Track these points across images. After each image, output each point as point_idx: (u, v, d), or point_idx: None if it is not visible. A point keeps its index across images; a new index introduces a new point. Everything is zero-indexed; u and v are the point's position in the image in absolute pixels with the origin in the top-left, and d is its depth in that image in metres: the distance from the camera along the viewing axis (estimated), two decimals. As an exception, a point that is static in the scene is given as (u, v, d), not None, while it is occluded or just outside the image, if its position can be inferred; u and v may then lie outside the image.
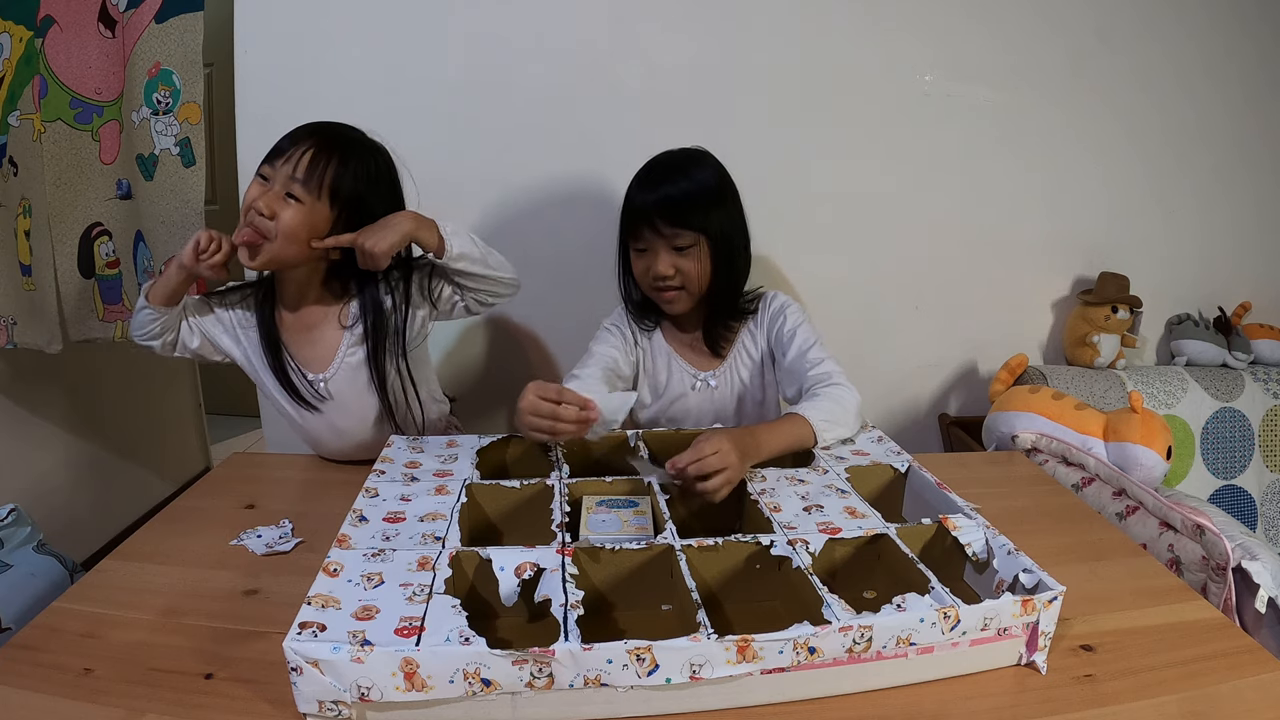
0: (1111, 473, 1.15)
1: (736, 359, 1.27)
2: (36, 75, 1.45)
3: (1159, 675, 0.71)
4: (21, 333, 1.50)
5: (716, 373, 1.27)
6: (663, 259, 1.16)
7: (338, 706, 0.62)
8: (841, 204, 1.61)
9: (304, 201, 1.04)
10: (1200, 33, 1.67)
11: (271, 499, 1.05)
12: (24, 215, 1.49)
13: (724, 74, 1.56)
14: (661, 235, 1.15)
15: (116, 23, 1.48)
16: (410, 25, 1.51)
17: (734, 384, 1.27)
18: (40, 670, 0.70)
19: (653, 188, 1.17)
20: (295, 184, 1.04)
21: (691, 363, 1.28)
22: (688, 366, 1.28)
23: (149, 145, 1.52)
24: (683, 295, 1.19)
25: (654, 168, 1.21)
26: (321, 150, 1.06)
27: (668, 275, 1.17)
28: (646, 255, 1.18)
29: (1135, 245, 1.76)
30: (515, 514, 0.92)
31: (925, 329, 1.74)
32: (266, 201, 1.04)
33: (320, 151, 1.06)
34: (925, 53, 1.59)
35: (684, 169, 1.18)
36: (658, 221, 1.14)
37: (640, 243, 1.18)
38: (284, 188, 1.04)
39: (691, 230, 1.14)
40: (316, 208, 1.05)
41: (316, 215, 1.06)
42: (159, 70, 1.48)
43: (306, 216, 1.05)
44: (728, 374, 1.27)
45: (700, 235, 1.15)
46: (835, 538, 0.80)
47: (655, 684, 0.63)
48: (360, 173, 1.09)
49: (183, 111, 1.50)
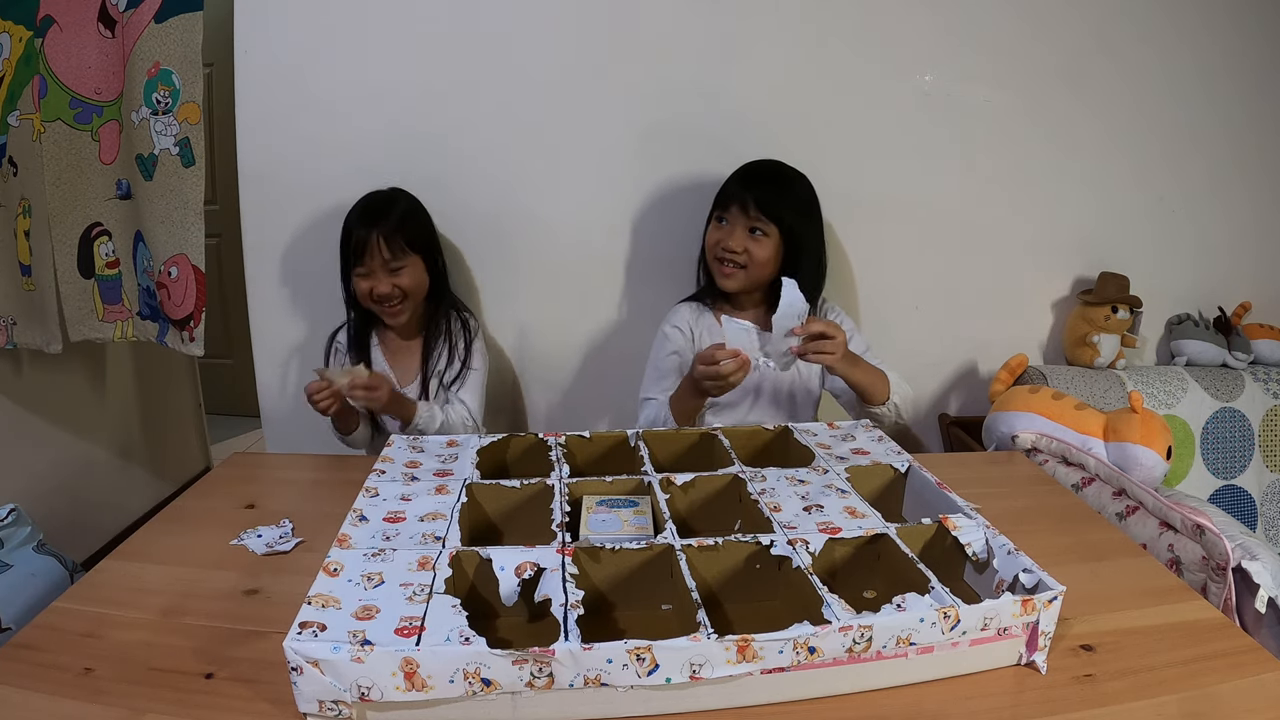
0: (1111, 473, 1.15)
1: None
2: (36, 75, 1.45)
3: (1159, 675, 0.71)
4: (21, 333, 1.50)
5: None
6: (737, 235, 1.32)
7: (338, 706, 0.62)
8: (841, 204, 1.61)
9: (406, 265, 1.37)
10: (1201, 32, 1.67)
11: (271, 499, 1.05)
12: (24, 215, 1.49)
13: (722, 74, 1.56)
14: (746, 214, 1.31)
15: (116, 22, 1.48)
16: (410, 25, 1.51)
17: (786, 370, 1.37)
18: (40, 670, 0.70)
19: (754, 176, 1.35)
20: (390, 262, 1.35)
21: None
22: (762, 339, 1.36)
23: (148, 145, 1.51)
24: (739, 274, 1.34)
25: (757, 163, 1.40)
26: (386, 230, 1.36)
27: (736, 250, 1.32)
28: (724, 228, 1.34)
29: (1135, 245, 1.76)
30: (515, 514, 0.92)
31: (925, 329, 1.74)
32: (386, 286, 1.37)
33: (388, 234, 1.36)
34: (925, 53, 1.59)
35: (785, 173, 1.37)
36: (747, 199, 1.31)
37: (725, 214, 1.34)
38: (385, 269, 1.36)
39: (768, 219, 1.30)
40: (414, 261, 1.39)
41: (418, 266, 1.40)
42: (158, 70, 1.48)
43: (414, 269, 1.39)
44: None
45: (775, 226, 1.30)
46: (835, 538, 0.80)
47: (655, 684, 0.63)
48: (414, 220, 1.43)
49: (182, 111, 1.50)
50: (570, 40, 1.54)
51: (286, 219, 1.58)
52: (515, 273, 1.64)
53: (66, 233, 1.56)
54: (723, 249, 1.33)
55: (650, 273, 1.64)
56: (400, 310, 1.40)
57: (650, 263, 1.64)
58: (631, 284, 1.66)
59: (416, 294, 1.41)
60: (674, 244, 1.58)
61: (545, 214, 1.60)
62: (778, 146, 1.48)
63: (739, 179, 1.36)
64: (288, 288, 1.62)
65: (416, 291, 1.41)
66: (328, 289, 1.50)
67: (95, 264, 1.61)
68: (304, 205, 1.57)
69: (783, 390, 1.41)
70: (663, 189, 1.61)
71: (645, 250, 1.64)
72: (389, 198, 1.44)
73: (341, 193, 1.57)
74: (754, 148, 1.47)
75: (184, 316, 1.57)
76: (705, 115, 1.57)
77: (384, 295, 1.37)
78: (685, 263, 1.52)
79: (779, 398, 1.41)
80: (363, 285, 1.37)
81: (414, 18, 1.50)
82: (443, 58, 1.53)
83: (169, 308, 1.57)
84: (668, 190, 1.61)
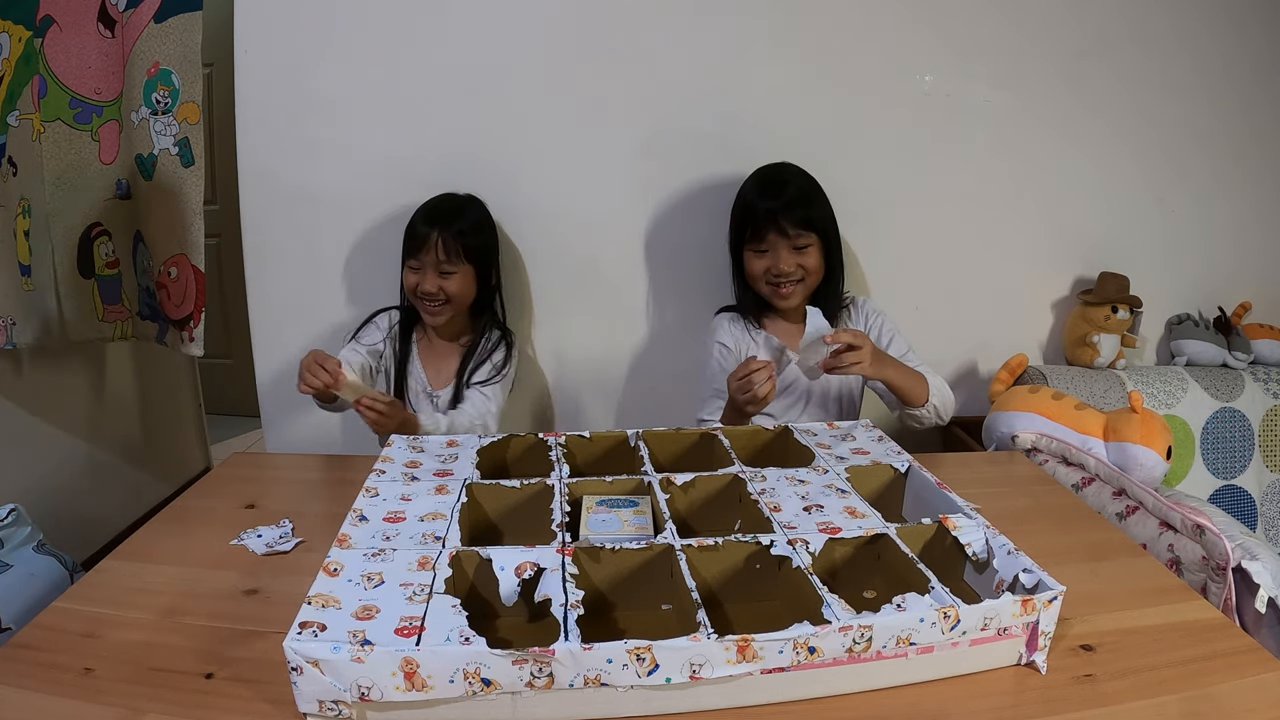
0: (1111, 473, 1.15)
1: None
2: (36, 75, 1.45)
3: (1159, 675, 0.71)
4: (20, 333, 1.50)
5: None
6: (785, 257, 1.33)
7: (338, 706, 0.62)
8: (841, 204, 1.61)
9: (458, 271, 1.38)
10: (1201, 33, 1.67)
11: (271, 499, 1.05)
12: (23, 215, 1.49)
13: (722, 75, 1.56)
14: (785, 235, 1.32)
15: (116, 22, 1.48)
16: (410, 25, 1.51)
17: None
18: (40, 670, 0.70)
19: (774, 195, 1.34)
20: (442, 264, 1.36)
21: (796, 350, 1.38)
22: (794, 355, 1.36)
23: (148, 145, 1.52)
24: (799, 289, 1.36)
25: (765, 178, 1.39)
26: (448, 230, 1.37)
27: (790, 272, 1.33)
28: (768, 255, 1.34)
29: (1135, 245, 1.76)
30: (515, 514, 0.92)
31: (925, 329, 1.74)
32: (432, 285, 1.36)
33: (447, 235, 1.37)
34: (925, 53, 1.59)
35: (793, 177, 1.37)
36: (783, 222, 1.31)
37: (762, 245, 1.34)
38: (436, 269, 1.36)
39: (810, 230, 1.32)
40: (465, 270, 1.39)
41: (468, 276, 1.40)
42: (158, 70, 1.48)
43: (464, 278, 1.39)
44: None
45: (815, 234, 1.33)
46: (835, 538, 0.80)
47: (655, 684, 0.63)
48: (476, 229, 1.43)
49: (182, 111, 1.50)
50: (570, 40, 1.54)
51: (286, 219, 1.58)
52: (519, 280, 1.64)
53: (66, 233, 1.56)
54: (775, 274, 1.34)
55: (668, 278, 1.64)
56: (439, 312, 1.40)
57: (666, 267, 1.64)
58: (655, 291, 1.66)
59: (459, 301, 1.41)
60: (679, 247, 1.58)
61: (550, 217, 1.60)
62: (777, 146, 1.48)
63: (762, 199, 1.35)
64: (288, 288, 1.62)
65: (460, 299, 1.41)
66: (328, 289, 1.50)
67: (95, 264, 1.61)
68: (304, 205, 1.57)
69: (830, 394, 1.42)
70: (665, 192, 1.61)
71: (658, 255, 1.64)
72: (461, 203, 1.45)
73: (341, 193, 1.57)
74: (754, 148, 1.47)
75: (184, 317, 1.57)
76: (712, 119, 1.57)
77: (428, 293, 1.37)
78: (693, 266, 1.52)
79: (826, 402, 1.43)
80: (411, 278, 1.39)
81: (414, 18, 1.50)
82: (442, 57, 1.53)
83: (169, 308, 1.57)
84: (669, 193, 1.61)
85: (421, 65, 1.53)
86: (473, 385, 1.42)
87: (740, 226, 1.39)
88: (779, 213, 1.32)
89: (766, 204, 1.34)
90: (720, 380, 1.39)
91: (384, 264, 1.54)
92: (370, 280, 1.59)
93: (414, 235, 1.39)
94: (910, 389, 1.25)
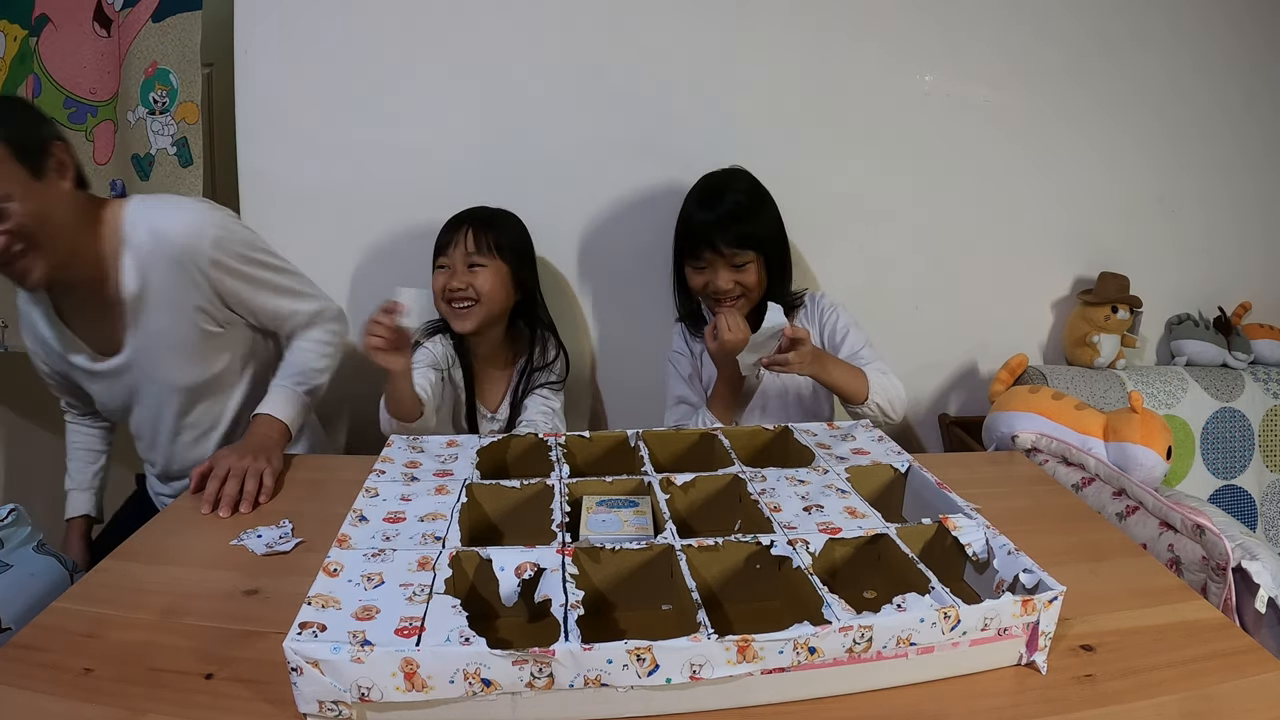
0: (1111, 473, 1.15)
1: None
2: (30, 74, 1.45)
3: (1159, 675, 0.71)
4: (14, 336, 1.50)
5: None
6: (723, 275, 1.29)
7: (338, 706, 0.62)
8: (841, 204, 1.61)
9: (488, 265, 1.32)
10: (1201, 32, 1.67)
11: (272, 499, 1.05)
12: (20, 215, 1.49)
13: (723, 75, 1.56)
14: (721, 254, 1.28)
15: (112, 22, 1.48)
16: (409, 25, 1.51)
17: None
18: (40, 670, 0.70)
19: (709, 211, 1.30)
20: (471, 255, 1.31)
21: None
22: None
23: (145, 145, 1.51)
24: (741, 303, 1.32)
25: (704, 191, 1.34)
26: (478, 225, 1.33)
27: (729, 289, 1.30)
28: (706, 272, 1.31)
29: (1135, 245, 1.76)
30: (515, 514, 0.92)
31: (925, 329, 1.74)
32: (461, 280, 1.30)
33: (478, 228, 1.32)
34: (925, 53, 1.59)
35: (731, 190, 1.31)
36: (717, 242, 1.27)
37: (699, 262, 1.31)
38: (465, 261, 1.31)
39: (747, 248, 1.28)
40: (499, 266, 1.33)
41: (500, 273, 1.33)
42: (156, 70, 1.48)
43: (494, 275, 1.33)
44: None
45: (754, 251, 1.28)
46: (835, 538, 0.80)
47: (655, 684, 0.63)
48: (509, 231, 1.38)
49: (180, 111, 1.50)
50: (565, 40, 1.54)
51: (286, 219, 1.58)
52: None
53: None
54: (713, 290, 1.31)
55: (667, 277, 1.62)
56: (468, 315, 1.31)
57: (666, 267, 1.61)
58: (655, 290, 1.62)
59: (490, 303, 1.33)
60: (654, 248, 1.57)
61: (550, 216, 1.60)
62: (777, 147, 1.49)
63: (699, 214, 1.31)
64: (287, 287, 1.62)
65: (491, 299, 1.32)
66: (327, 289, 1.49)
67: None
68: (304, 205, 1.57)
69: (789, 394, 1.41)
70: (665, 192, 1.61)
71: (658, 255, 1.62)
72: (494, 210, 1.41)
73: (341, 193, 1.57)
74: (754, 147, 1.47)
75: (183, 316, 1.56)
76: (714, 118, 1.57)
77: (456, 290, 1.30)
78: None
79: (786, 401, 1.41)
80: (439, 280, 1.32)
81: (413, 18, 1.50)
82: (443, 57, 1.53)
83: (168, 308, 1.57)
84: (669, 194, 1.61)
85: (421, 65, 1.53)
86: (534, 392, 1.39)
87: (680, 242, 1.35)
88: (715, 231, 1.27)
89: (703, 219, 1.29)
90: (679, 387, 1.40)
91: (384, 263, 1.54)
92: (370, 280, 1.59)
93: (442, 235, 1.35)
94: (848, 385, 1.22)
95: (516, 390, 1.41)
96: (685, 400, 1.40)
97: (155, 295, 1.10)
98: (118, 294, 1.09)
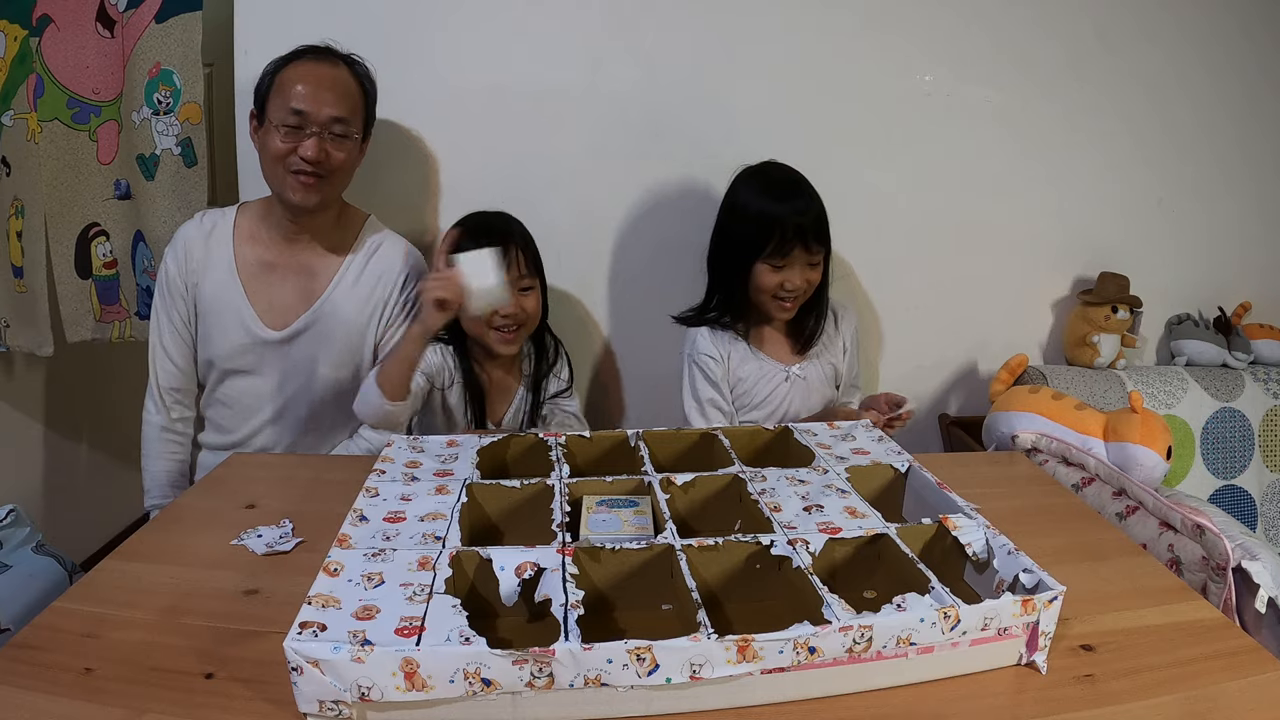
0: (1111, 473, 1.15)
1: (821, 353, 1.41)
2: (32, 74, 1.45)
3: (1159, 675, 0.71)
4: (13, 335, 1.51)
5: (803, 366, 1.39)
6: (800, 273, 1.28)
7: (338, 706, 0.62)
8: (841, 205, 1.60)
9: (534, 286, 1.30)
10: (1200, 33, 1.67)
11: (271, 499, 1.05)
12: (16, 216, 1.49)
13: (723, 75, 1.56)
14: (808, 251, 1.27)
15: (115, 22, 1.48)
16: (409, 25, 1.51)
17: (819, 374, 1.41)
18: (40, 670, 0.70)
19: (795, 207, 1.26)
20: (523, 278, 1.27)
21: (779, 359, 1.39)
22: (777, 363, 1.38)
23: (150, 145, 1.52)
24: (798, 303, 1.33)
25: (781, 185, 1.30)
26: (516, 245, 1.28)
27: (804, 288, 1.30)
28: (784, 270, 1.28)
29: (1135, 245, 1.76)
30: (515, 514, 0.92)
31: (925, 329, 1.74)
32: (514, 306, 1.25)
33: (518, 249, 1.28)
34: (925, 53, 1.59)
35: (801, 184, 1.30)
36: (809, 238, 1.26)
37: (783, 260, 1.27)
38: (516, 285, 1.25)
39: (824, 246, 1.29)
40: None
41: (539, 292, 1.32)
42: (159, 70, 1.48)
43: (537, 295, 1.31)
44: (814, 366, 1.41)
45: (824, 249, 1.30)
46: (835, 538, 0.80)
47: (655, 684, 0.63)
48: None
49: (184, 111, 1.50)
50: (565, 39, 1.54)
51: (286, 219, 1.58)
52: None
53: (63, 233, 1.55)
54: (788, 290, 1.29)
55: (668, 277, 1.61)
56: (515, 338, 1.28)
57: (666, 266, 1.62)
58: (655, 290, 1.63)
59: (533, 323, 1.31)
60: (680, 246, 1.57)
61: (551, 216, 1.59)
62: (777, 147, 1.48)
63: (786, 212, 1.25)
64: (287, 288, 1.62)
65: (534, 319, 1.31)
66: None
67: (93, 264, 1.61)
68: (304, 205, 1.57)
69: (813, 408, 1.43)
70: (665, 192, 1.61)
71: (657, 254, 1.63)
72: (506, 217, 1.33)
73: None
74: (754, 147, 1.47)
75: (184, 316, 1.56)
76: (713, 118, 1.57)
77: (510, 315, 1.24)
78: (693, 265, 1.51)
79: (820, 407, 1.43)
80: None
81: (413, 18, 1.50)
82: (442, 57, 1.53)
83: (169, 308, 1.57)
84: (668, 193, 1.61)
85: (420, 65, 1.53)
86: (551, 403, 1.37)
87: (758, 239, 1.27)
88: (807, 228, 1.25)
89: (794, 218, 1.25)
90: (708, 390, 1.37)
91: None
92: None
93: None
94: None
95: (526, 400, 1.38)
96: (717, 404, 1.37)
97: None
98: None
